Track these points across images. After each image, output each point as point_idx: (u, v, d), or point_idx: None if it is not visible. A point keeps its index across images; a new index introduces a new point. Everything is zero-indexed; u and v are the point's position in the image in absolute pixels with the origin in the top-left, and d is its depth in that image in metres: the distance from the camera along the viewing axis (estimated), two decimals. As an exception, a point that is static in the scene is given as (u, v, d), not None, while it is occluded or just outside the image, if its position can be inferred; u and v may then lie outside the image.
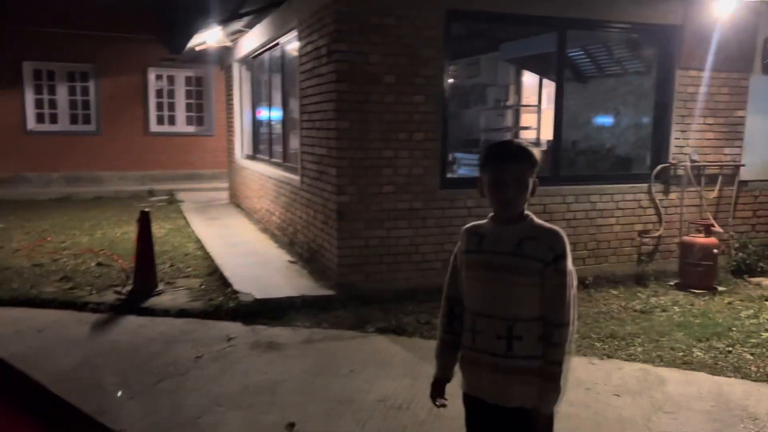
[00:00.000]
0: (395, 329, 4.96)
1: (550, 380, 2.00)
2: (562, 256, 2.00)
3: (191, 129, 14.99)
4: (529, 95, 10.57)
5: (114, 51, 13.75)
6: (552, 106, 6.55)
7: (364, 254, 5.64)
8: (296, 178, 6.86)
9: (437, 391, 2.26)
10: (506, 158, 2.04)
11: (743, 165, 6.80)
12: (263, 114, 9.58)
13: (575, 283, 2.05)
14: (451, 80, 11.19)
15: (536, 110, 10.07)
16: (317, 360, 4.37)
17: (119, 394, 3.68)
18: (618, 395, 3.87)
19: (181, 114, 14.90)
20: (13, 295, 5.72)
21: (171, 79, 14.71)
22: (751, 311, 5.50)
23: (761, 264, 6.67)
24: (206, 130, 15.01)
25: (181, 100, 14.86)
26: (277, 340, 4.74)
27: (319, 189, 6.02)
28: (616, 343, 4.75)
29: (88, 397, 3.75)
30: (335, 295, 5.56)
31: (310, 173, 6.32)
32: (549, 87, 9.53)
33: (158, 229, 8.84)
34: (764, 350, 4.61)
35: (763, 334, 4.96)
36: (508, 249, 2.02)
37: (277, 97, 8.43)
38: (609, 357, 4.50)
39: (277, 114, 8.59)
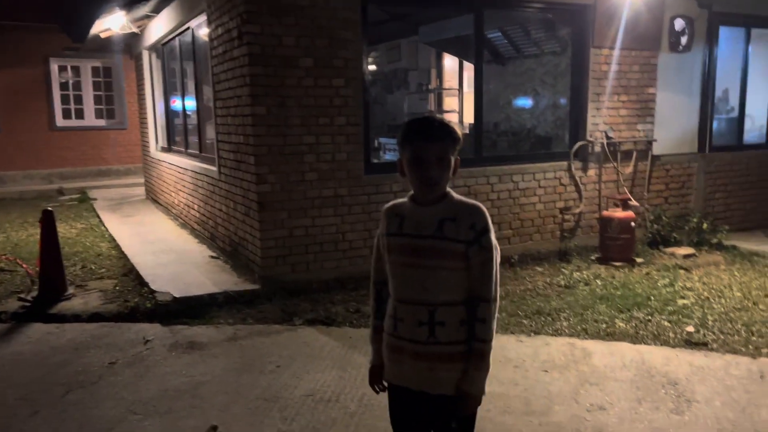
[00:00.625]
0: (324, 320, 4.82)
1: (478, 359, 1.93)
2: (485, 231, 1.92)
3: (101, 122, 14.13)
4: (450, 79, 10.60)
5: (9, 41, 12.70)
6: (472, 90, 6.54)
7: (289, 245, 5.45)
8: (214, 169, 6.55)
9: (374, 377, 2.19)
10: (428, 136, 1.92)
11: (655, 140, 7.05)
12: (177, 104, 9.12)
13: (499, 258, 1.99)
14: (372, 65, 11.13)
15: (458, 93, 10.12)
16: (242, 357, 4.17)
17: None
18: (546, 371, 3.90)
19: (89, 107, 13.99)
20: None
21: (76, 70, 13.79)
22: (667, 280, 5.72)
23: (674, 234, 6.96)
24: (118, 123, 14.21)
25: (88, 92, 13.95)
26: (199, 339, 4.50)
27: (239, 179, 5.77)
28: (543, 319, 4.80)
29: (-16, 416, 3.41)
30: (260, 288, 5.36)
31: (228, 163, 6.04)
32: (470, 70, 9.58)
33: (69, 230, 8.30)
34: (680, 317, 4.78)
35: (679, 301, 5.15)
36: (429, 231, 1.93)
37: (190, 85, 8.03)
38: (536, 333, 4.54)
39: (191, 103, 8.19)
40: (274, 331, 4.65)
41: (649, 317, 4.79)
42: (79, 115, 13.91)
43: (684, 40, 7.04)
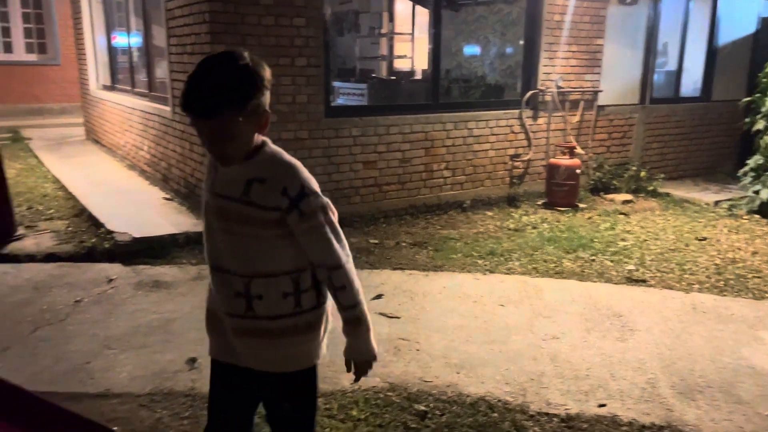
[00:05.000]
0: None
1: (354, 326, 1.75)
2: (301, 196, 1.63)
3: (32, 57, 13.30)
4: (402, 23, 10.53)
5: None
6: (425, 35, 6.57)
7: (249, 186, 5.45)
8: (167, 108, 6.39)
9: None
10: (196, 111, 1.57)
11: (601, 91, 7.34)
12: (121, 40, 8.72)
13: (335, 216, 1.73)
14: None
15: (410, 39, 10.10)
16: (209, 295, 4.24)
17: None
18: (502, 305, 4.17)
19: (18, 40, 13.13)
20: None
21: (2, 1, 12.85)
22: (608, 224, 6.10)
23: (614, 182, 7.37)
24: (50, 58, 13.40)
25: (17, 24, 13.06)
26: (163, 278, 4.52)
27: (196, 119, 5.66)
28: (496, 259, 5.07)
29: (-49, 353, 3.38)
30: (220, 229, 5.36)
31: (184, 103, 5.90)
32: (421, 15, 9.56)
33: (7, 170, 7.92)
34: (622, 257, 5.16)
35: (619, 243, 5.54)
36: (236, 194, 1.65)
37: (136, 20, 7.69)
38: (491, 272, 4.81)
39: (137, 39, 7.86)
40: (239, 270, 4.71)
41: (594, 257, 5.15)
42: (8, 48, 13.02)
43: (632, -7, 7.27)
